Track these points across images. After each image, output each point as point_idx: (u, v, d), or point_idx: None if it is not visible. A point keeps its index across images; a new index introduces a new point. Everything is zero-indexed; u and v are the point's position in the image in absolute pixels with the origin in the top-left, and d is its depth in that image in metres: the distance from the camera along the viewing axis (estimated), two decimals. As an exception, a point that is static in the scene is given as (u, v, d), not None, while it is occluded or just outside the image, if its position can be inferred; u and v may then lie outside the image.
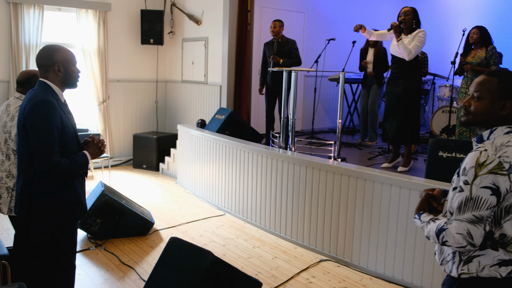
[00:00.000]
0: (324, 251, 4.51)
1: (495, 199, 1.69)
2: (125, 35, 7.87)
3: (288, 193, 4.82)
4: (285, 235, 4.89)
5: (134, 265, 4.18)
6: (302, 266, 4.26)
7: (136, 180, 7.14)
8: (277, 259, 4.41)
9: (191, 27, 7.72)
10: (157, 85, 8.37)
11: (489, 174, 1.69)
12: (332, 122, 9.05)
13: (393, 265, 3.98)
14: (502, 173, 1.68)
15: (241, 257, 4.43)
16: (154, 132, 8.11)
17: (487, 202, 1.69)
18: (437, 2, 9.49)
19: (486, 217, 1.70)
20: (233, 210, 5.60)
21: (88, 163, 2.68)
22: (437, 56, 8.41)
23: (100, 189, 4.74)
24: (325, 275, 4.09)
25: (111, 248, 4.51)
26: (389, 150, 6.07)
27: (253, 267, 4.20)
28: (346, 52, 7.10)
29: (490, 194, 1.69)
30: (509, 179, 1.69)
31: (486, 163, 1.70)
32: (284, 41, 6.52)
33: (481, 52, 5.50)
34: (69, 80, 2.62)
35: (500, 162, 1.69)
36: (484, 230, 1.70)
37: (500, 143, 1.74)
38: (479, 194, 1.70)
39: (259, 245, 4.73)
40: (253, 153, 5.22)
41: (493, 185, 1.69)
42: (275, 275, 4.06)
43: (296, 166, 4.71)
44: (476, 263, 1.77)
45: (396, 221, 3.93)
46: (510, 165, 1.69)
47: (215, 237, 4.92)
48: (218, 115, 6.45)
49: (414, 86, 5.13)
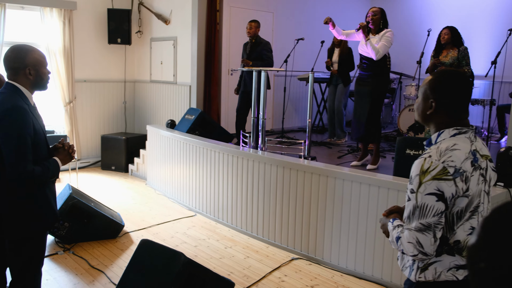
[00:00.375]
0: (295, 250, 4.53)
1: (442, 205, 1.66)
2: (92, 34, 7.73)
3: (259, 193, 4.83)
4: (256, 234, 4.90)
5: (104, 269, 4.11)
6: (274, 265, 4.27)
7: (104, 182, 7.03)
8: (249, 258, 4.41)
9: (159, 26, 7.65)
10: (125, 85, 8.26)
11: (433, 180, 1.66)
12: (301, 121, 9.11)
13: (363, 261, 4.04)
14: (446, 178, 1.65)
15: (213, 257, 4.41)
16: (123, 133, 8.00)
17: (433, 209, 1.66)
18: (403, 2, 9.66)
19: (434, 224, 1.66)
20: (204, 211, 5.57)
21: (60, 170, 2.62)
22: (403, 56, 8.57)
23: (67, 192, 4.65)
24: (297, 274, 4.12)
25: (80, 252, 4.43)
26: (358, 149, 6.14)
27: (225, 268, 4.19)
28: (315, 51, 7.16)
29: (435, 200, 1.66)
30: (454, 184, 1.66)
31: (430, 170, 1.67)
32: (257, 43, 6.50)
33: (453, 52, 5.62)
34: (40, 82, 2.53)
35: (444, 167, 1.66)
36: (434, 238, 1.67)
37: (445, 147, 1.72)
38: (425, 202, 1.67)
39: (231, 245, 4.72)
40: (223, 153, 5.21)
41: (438, 191, 1.66)
42: (248, 274, 4.06)
43: (267, 165, 4.72)
44: (432, 270, 1.75)
45: (366, 218, 3.98)
46: (455, 170, 1.67)
47: (187, 238, 4.88)
48: (188, 115, 6.41)
49: (382, 85, 5.21)
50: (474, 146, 1.77)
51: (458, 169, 1.67)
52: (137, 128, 8.32)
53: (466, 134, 1.78)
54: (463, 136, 1.77)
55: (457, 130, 1.78)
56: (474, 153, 1.74)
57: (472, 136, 1.79)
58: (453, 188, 1.66)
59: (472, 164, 1.71)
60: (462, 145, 1.73)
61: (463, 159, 1.70)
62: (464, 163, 1.69)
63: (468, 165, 1.70)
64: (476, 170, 1.72)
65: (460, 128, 1.78)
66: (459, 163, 1.68)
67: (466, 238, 1.71)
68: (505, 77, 5.79)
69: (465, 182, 1.68)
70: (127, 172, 7.58)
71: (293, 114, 9.02)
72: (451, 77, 1.81)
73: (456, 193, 1.67)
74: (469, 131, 1.79)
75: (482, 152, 1.79)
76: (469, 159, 1.71)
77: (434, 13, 8.97)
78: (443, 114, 1.80)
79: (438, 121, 1.82)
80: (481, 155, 1.77)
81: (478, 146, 1.79)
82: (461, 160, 1.69)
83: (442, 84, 1.80)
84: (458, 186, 1.67)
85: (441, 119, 1.81)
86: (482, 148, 1.80)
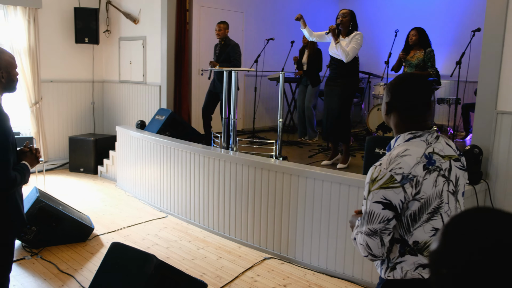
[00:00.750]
0: (268, 249, 4.55)
1: (389, 212, 1.71)
2: (58, 33, 7.57)
3: (231, 193, 4.82)
4: (229, 235, 4.89)
5: (74, 273, 4.03)
6: (247, 265, 4.28)
7: (73, 184, 6.89)
8: (222, 259, 4.41)
9: (128, 26, 7.55)
10: (93, 85, 8.12)
11: (379, 189, 1.71)
12: (272, 120, 9.14)
13: (335, 259, 4.08)
14: (394, 186, 1.69)
15: (185, 259, 4.39)
16: (92, 134, 7.86)
17: (379, 216, 1.71)
18: (372, 3, 9.80)
19: (380, 230, 1.72)
20: (176, 212, 5.53)
21: (30, 174, 2.56)
22: (372, 56, 8.70)
23: (34, 195, 4.54)
24: (269, 273, 4.13)
25: (49, 256, 4.33)
26: (329, 148, 6.21)
27: (198, 269, 4.17)
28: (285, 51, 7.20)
29: (381, 208, 1.71)
30: (403, 190, 1.69)
31: (378, 179, 1.72)
32: (226, 44, 6.49)
33: (420, 54, 5.73)
34: (10, 85, 2.46)
35: (391, 175, 1.70)
36: (381, 242, 1.73)
37: (396, 154, 1.75)
38: (372, 209, 1.73)
39: (203, 246, 4.70)
40: (195, 153, 5.18)
41: (384, 200, 1.70)
42: (220, 275, 4.06)
43: (239, 166, 4.72)
44: (399, 269, 1.79)
45: (337, 217, 4.03)
46: (402, 176, 1.70)
47: (158, 240, 4.84)
48: (158, 116, 6.35)
49: (351, 86, 5.28)
50: (431, 148, 1.78)
51: (407, 175, 1.70)
52: (106, 129, 8.19)
53: (421, 138, 1.80)
54: (418, 139, 1.80)
55: (412, 135, 1.81)
56: (429, 156, 1.76)
57: (431, 138, 1.81)
58: (401, 195, 1.70)
59: (425, 168, 1.73)
60: (414, 150, 1.76)
61: (413, 164, 1.72)
62: (415, 168, 1.72)
63: (420, 169, 1.72)
64: (430, 172, 1.74)
65: (414, 132, 1.81)
66: (408, 169, 1.71)
67: (429, 240, 1.75)
68: (469, 77, 5.94)
69: (415, 187, 1.70)
70: (96, 173, 7.46)
71: (264, 113, 9.05)
72: (406, 81, 1.86)
73: (406, 198, 1.71)
74: (425, 134, 1.81)
75: (444, 153, 1.80)
76: (420, 163, 1.73)
77: (401, 14, 9.13)
78: (397, 117, 1.85)
79: (394, 123, 1.87)
80: (443, 156, 1.79)
81: (438, 148, 1.80)
82: (410, 165, 1.72)
83: (396, 88, 1.85)
84: (407, 192, 1.70)
85: (396, 121, 1.86)
86: (443, 149, 1.82)
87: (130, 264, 3.26)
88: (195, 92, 7.33)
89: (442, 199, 1.76)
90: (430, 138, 1.80)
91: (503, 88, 3.91)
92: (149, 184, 5.98)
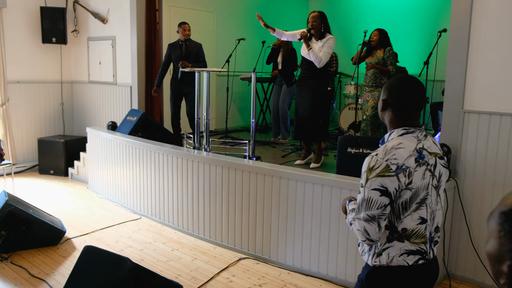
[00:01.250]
0: (243, 250, 4.57)
1: (386, 199, 1.85)
2: (24, 33, 7.40)
3: (205, 194, 4.82)
4: (203, 235, 4.89)
5: (46, 277, 3.97)
6: (222, 265, 4.29)
7: (43, 187, 6.76)
8: (197, 260, 4.40)
9: (96, 25, 7.44)
10: (62, 86, 7.97)
11: (377, 177, 1.85)
12: (245, 120, 9.16)
13: (309, 258, 4.13)
14: (389, 175, 1.84)
15: (160, 260, 4.36)
16: (61, 136, 7.72)
17: (377, 202, 1.85)
18: (341, 3, 9.92)
19: (378, 215, 1.86)
20: (150, 214, 5.50)
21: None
22: (342, 56, 8.80)
23: (3, 198, 4.44)
24: (245, 273, 4.15)
25: (19, 261, 4.24)
26: (302, 147, 6.26)
27: (173, 270, 4.16)
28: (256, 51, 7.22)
29: (379, 195, 1.85)
30: (397, 179, 1.84)
31: (375, 167, 1.86)
32: (192, 45, 6.48)
33: (380, 53, 5.83)
34: None
35: (387, 165, 1.84)
36: (378, 227, 1.87)
37: (391, 146, 1.89)
38: (370, 196, 1.86)
39: (177, 248, 4.69)
40: (167, 154, 5.15)
41: (381, 187, 1.84)
42: (196, 276, 4.06)
43: (212, 166, 4.72)
44: (385, 255, 1.93)
45: (311, 216, 4.08)
46: (397, 166, 1.84)
47: (132, 242, 4.80)
48: (130, 117, 6.28)
49: (322, 86, 5.33)
50: (421, 144, 1.93)
51: (401, 165, 1.85)
52: (76, 130, 8.06)
53: (413, 134, 1.95)
54: (410, 135, 1.94)
55: (405, 130, 1.96)
56: (419, 151, 1.91)
57: (421, 135, 1.96)
58: (396, 183, 1.85)
59: (416, 161, 1.88)
60: (407, 144, 1.91)
61: (406, 156, 1.87)
62: (408, 160, 1.86)
63: (412, 161, 1.87)
64: (420, 166, 1.88)
65: (407, 128, 1.96)
66: (402, 160, 1.86)
67: (415, 228, 1.90)
68: (437, 76, 6.08)
69: (408, 177, 1.85)
70: (67, 176, 7.33)
71: (237, 114, 9.05)
72: (402, 82, 2.01)
73: (399, 187, 1.86)
74: (416, 131, 1.96)
75: (431, 150, 1.96)
76: (413, 156, 1.88)
77: (369, 14, 9.28)
78: (391, 114, 2.01)
79: (389, 119, 2.02)
80: (430, 153, 1.94)
81: (427, 145, 1.95)
82: (404, 157, 1.86)
83: (391, 86, 2.01)
84: (401, 181, 1.85)
85: (390, 118, 2.01)
86: (431, 147, 1.97)
87: (103, 268, 3.23)
88: (167, 92, 7.27)
89: (428, 191, 1.92)
90: (420, 135, 1.96)
91: (469, 88, 4.02)
92: (121, 186, 5.92)
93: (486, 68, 3.90)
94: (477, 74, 3.95)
